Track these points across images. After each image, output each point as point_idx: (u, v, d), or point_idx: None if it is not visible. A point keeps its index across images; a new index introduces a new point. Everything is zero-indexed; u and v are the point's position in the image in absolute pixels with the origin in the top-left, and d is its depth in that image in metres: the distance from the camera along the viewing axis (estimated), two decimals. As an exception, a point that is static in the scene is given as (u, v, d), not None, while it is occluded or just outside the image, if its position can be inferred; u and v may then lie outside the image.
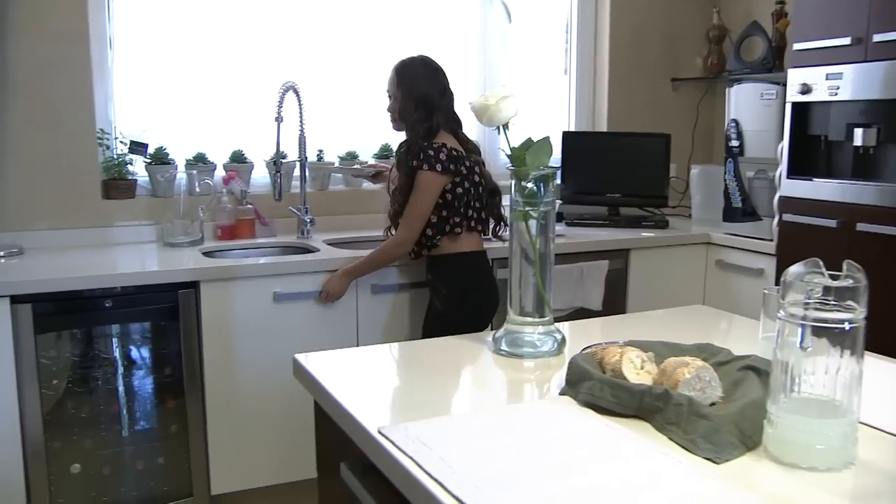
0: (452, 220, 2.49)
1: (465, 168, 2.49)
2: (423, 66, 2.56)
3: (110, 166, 2.95)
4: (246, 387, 2.55)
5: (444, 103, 2.53)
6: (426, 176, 2.43)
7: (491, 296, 2.57)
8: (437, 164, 2.43)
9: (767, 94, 3.04)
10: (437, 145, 2.45)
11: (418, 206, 2.46)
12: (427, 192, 2.45)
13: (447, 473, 0.97)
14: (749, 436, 1.06)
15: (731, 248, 3.20)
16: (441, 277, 2.55)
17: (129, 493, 2.52)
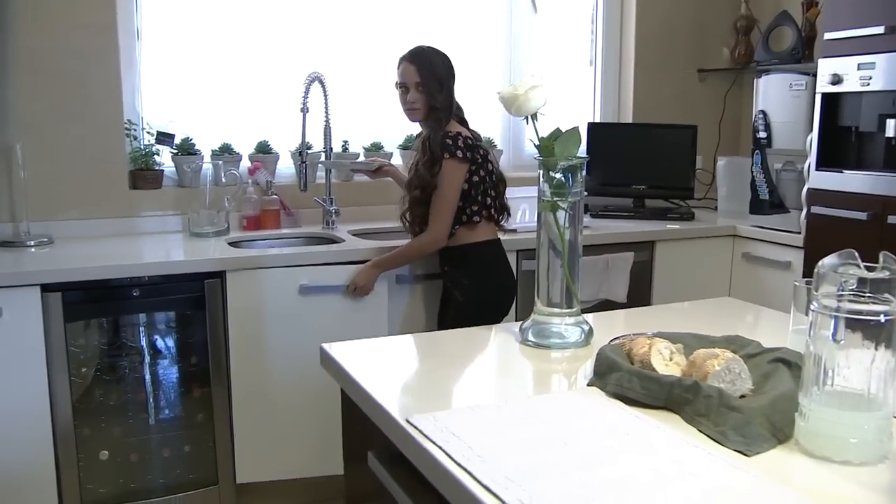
0: (470, 209, 2.49)
1: (479, 156, 2.49)
2: (436, 53, 2.55)
3: (137, 157, 2.97)
4: (272, 376, 2.56)
5: (453, 91, 2.54)
6: (449, 165, 2.43)
7: (511, 284, 2.58)
8: (457, 150, 2.43)
9: (797, 85, 3.00)
10: (452, 134, 2.45)
11: (447, 197, 2.45)
12: (453, 182, 2.44)
13: (476, 463, 0.97)
14: (780, 428, 1.05)
15: (758, 240, 3.18)
16: (461, 269, 2.53)
17: (156, 481, 2.55)
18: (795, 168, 3.05)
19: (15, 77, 2.72)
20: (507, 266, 2.61)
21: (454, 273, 2.55)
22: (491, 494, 0.90)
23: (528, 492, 0.90)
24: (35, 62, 2.73)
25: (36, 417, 2.32)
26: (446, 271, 2.58)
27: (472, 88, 3.53)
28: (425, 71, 2.50)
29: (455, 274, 2.55)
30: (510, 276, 2.61)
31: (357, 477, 1.42)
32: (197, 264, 2.50)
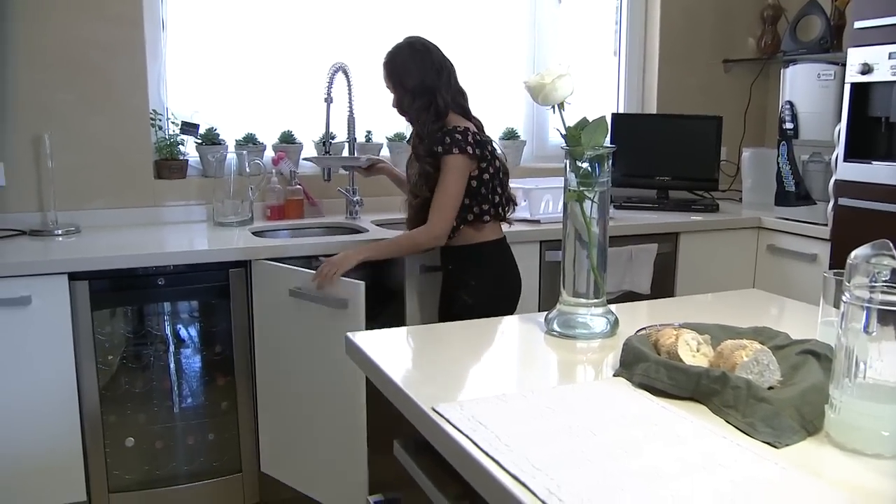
0: (480, 208, 2.38)
1: (488, 152, 2.39)
2: (411, 53, 2.41)
3: (162, 147, 3.00)
4: (296, 366, 2.57)
5: (443, 83, 2.39)
6: (457, 160, 2.31)
7: (517, 284, 2.51)
8: (467, 146, 2.31)
9: (825, 75, 2.96)
10: (461, 129, 2.33)
11: (451, 191, 2.32)
12: (458, 176, 2.32)
13: (503, 451, 0.97)
14: (810, 420, 1.04)
15: (784, 232, 3.14)
16: (468, 269, 2.44)
17: (181, 468, 2.58)
18: (823, 159, 3.01)
19: (43, 68, 2.74)
20: (513, 265, 2.52)
21: (460, 273, 2.45)
22: (519, 483, 0.90)
23: (556, 480, 0.90)
24: (63, 54, 2.76)
25: (64, 404, 2.35)
26: (451, 269, 2.48)
27: (495, 79, 3.54)
28: (394, 77, 2.42)
29: (461, 274, 2.45)
30: (517, 275, 2.52)
31: (382, 466, 1.43)
32: (222, 253, 2.52)
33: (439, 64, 2.40)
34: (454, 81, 2.44)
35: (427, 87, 2.37)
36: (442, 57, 2.43)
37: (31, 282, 2.26)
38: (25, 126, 2.74)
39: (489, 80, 3.54)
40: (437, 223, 2.34)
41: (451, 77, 2.43)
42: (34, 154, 2.76)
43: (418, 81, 2.37)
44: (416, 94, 2.38)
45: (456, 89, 2.44)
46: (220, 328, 2.57)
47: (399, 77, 2.41)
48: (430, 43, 2.45)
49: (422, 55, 2.40)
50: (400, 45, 2.44)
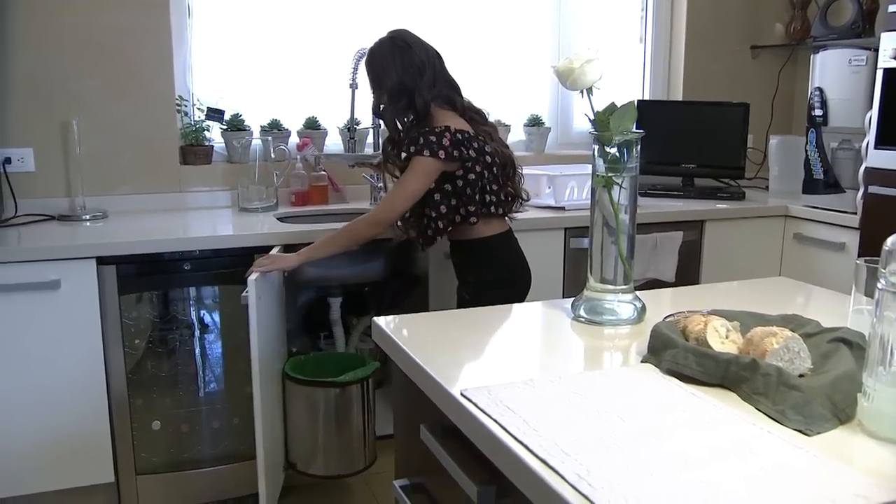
0: (466, 209, 2.26)
1: (473, 150, 2.24)
2: (391, 51, 2.29)
3: (188, 133, 3.01)
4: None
5: (424, 82, 2.26)
6: (424, 161, 2.18)
7: (522, 279, 2.38)
8: (439, 150, 2.18)
9: (856, 61, 2.92)
10: (439, 129, 2.20)
11: (406, 187, 2.22)
12: (421, 176, 2.21)
13: (532, 436, 0.97)
14: (842, 409, 1.03)
15: (811, 221, 3.11)
16: (466, 265, 2.36)
17: (205, 451, 2.60)
18: (852, 147, 2.98)
19: (71, 55, 2.77)
20: (518, 260, 2.39)
21: (460, 269, 2.39)
22: (548, 468, 0.90)
23: (585, 465, 0.90)
24: (90, 41, 2.78)
25: (92, 387, 2.39)
26: (454, 264, 2.42)
27: (520, 66, 3.53)
28: (371, 77, 2.35)
29: (461, 270, 2.39)
30: (522, 270, 2.39)
31: (408, 450, 1.43)
32: (246, 239, 2.53)
33: (421, 62, 2.28)
34: (441, 75, 2.33)
35: (406, 88, 2.27)
36: (426, 52, 2.31)
37: (60, 266, 2.29)
38: (54, 112, 2.77)
39: (514, 67, 3.52)
40: (379, 211, 2.27)
41: (435, 73, 2.31)
42: (62, 140, 2.79)
43: (396, 81, 2.27)
44: (393, 96, 2.29)
45: (444, 82, 2.33)
46: (244, 313, 2.58)
47: (378, 77, 2.32)
48: (412, 38, 2.33)
49: (402, 52, 2.28)
50: (381, 41, 2.35)
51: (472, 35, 3.40)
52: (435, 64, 2.31)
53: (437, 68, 2.32)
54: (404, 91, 2.27)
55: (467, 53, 3.39)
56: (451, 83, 2.36)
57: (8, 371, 2.30)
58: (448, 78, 2.36)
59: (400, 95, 2.28)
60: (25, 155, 2.76)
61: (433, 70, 2.30)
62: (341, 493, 2.76)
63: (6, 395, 2.31)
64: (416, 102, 2.27)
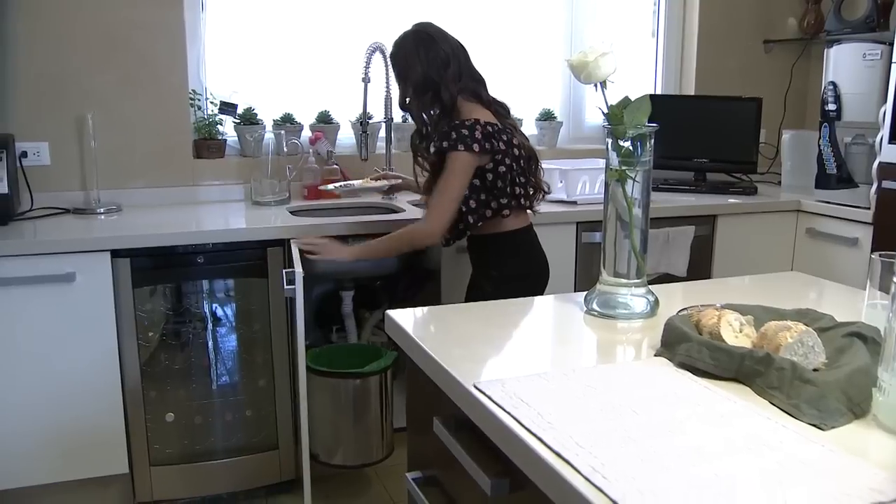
0: (498, 203, 2.26)
1: (503, 143, 2.24)
2: (415, 44, 2.29)
3: (201, 127, 3.03)
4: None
5: (449, 75, 2.26)
6: (460, 157, 2.17)
7: (543, 273, 2.40)
8: (473, 143, 2.17)
9: (871, 55, 2.90)
10: (469, 122, 2.20)
11: (450, 190, 2.20)
12: (461, 174, 2.19)
13: (546, 429, 0.98)
14: (857, 403, 1.03)
15: (824, 216, 3.10)
16: (489, 259, 2.34)
17: (218, 443, 2.62)
18: (866, 141, 2.96)
19: (86, 50, 2.78)
20: (538, 255, 2.41)
21: (481, 263, 2.37)
22: (562, 460, 0.91)
23: (600, 458, 0.90)
24: (104, 35, 2.80)
25: (107, 379, 2.41)
26: (473, 258, 2.40)
27: (532, 60, 3.52)
28: (396, 71, 2.36)
29: (482, 263, 2.37)
30: (542, 265, 2.40)
31: (420, 443, 1.44)
32: (259, 232, 2.54)
33: (446, 56, 2.27)
34: (466, 69, 2.32)
35: (432, 81, 2.26)
36: (451, 45, 2.31)
37: (75, 259, 2.31)
38: (69, 107, 2.79)
39: (526, 61, 3.52)
40: (432, 222, 2.23)
41: (460, 66, 2.30)
42: (77, 134, 2.80)
43: (421, 76, 2.27)
44: (418, 89, 2.29)
45: (469, 75, 2.32)
46: (257, 306, 2.60)
47: (403, 71, 2.32)
48: (436, 31, 2.33)
49: (426, 46, 2.28)
50: (405, 34, 2.34)
51: (484, 29, 3.40)
52: (460, 57, 2.31)
53: (461, 61, 2.31)
54: (429, 84, 2.27)
55: (480, 47, 3.36)
56: (477, 76, 2.36)
57: (24, 362, 2.32)
58: (473, 71, 2.35)
59: (425, 89, 2.28)
60: (41, 149, 2.78)
61: (458, 63, 2.29)
62: (359, 484, 2.78)
63: (22, 386, 2.33)
64: (441, 96, 2.26)
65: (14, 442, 2.35)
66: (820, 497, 0.82)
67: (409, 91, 2.31)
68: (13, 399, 2.33)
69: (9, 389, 2.32)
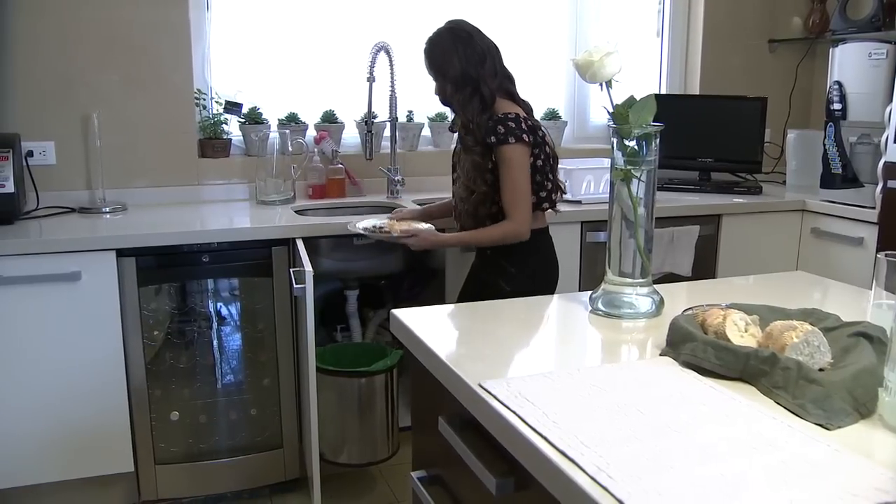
0: (537, 196, 2.29)
1: (539, 138, 2.29)
2: (452, 40, 2.31)
3: (206, 126, 3.03)
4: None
5: (487, 71, 2.29)
6: (515, 150, 2.21)
7: (555, 277, 2.42)
8: (522, 134, 2.22)
9: (876, 54, 2.90)
10: (512, 115, 2.24)
11: (520, 183, 2.23)
12: (522, 166, 2.23)
13: (552, 428, 0.98)
14: (863, 403, 1.03)
15: (829, 215, 3.09)
16: (508, 256, 2.32)
17: (223, 442, 2.62)
18: (872, 141, 2.95)
19: (91, 49, 2.79)
20: (554, 256, 2.43)
21: (500, 260, 2.34)
22: (567, 460, 0.91)
23: (605, 458, 0.90)
24: (109, 34, 2.80)
25: (112, 378, 2.41)
26: (489, 255, 2.37)
27: (536, 60, 3.52)
28: (434, 67, 2.36)
29: (501, 261, 2.34)
30: (556, 266, 2.43)
31: (425, 441, 1.44)
32: (264, 231, 2.55)
33: (482, 51, 2.30)
34: (500, 67, 2.35)
35: (470, 77, 2.29)
36: (486, 43, 2.33)
37: (80, 258, 2.32)
38: (75, 106, 2.79)
39: (531, 61, 3.51)
40: (520, 221, 2.25)
41: (496, 63, 2.33)
42: (83, 133, 2.81)
43: (460, 71, 2.29)
44: (458, 84, 2.30)
45: (503, 74, 2.36)
46: (262, 305, 2.60)
47: (440, 66, 2.34)
48: (472, 28, 2.35)
49: (464, 43, 2.30)
50: (440, 31, 2.36)
51: (489, 28, 3.38)
52: (494, 54, 2.34)
53: (496, 59, 2.34)
54: (468, 80, 2.29)
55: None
56: (509, 75, 2.39)
57: (29, 361, 2.33)
58: (505, 70, 2.38)
59: (464, 84, 2.29)
60: (47, 148, 2.79)
61: (493, 60, 2.32)
62: (364, 483, 2.78)
63: (28, 385, 2.34)
64: (482, 90, 2.28)
65: (20, 440, 2.36)
66: (825, 497, 0.82)
67: (448, 87, 2.33)
68: (19, 397, 2.34)
69: (14, 388, 2.33)
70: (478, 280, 2.41)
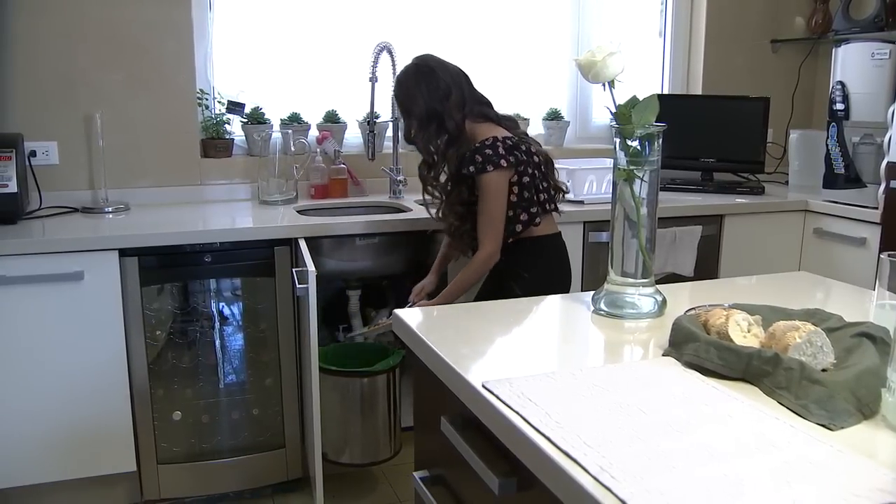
0: (529, 213, 2.31)
1: (523, 154, 2.29)
2: (416, 78, 2.33)
3: (209, 126, 3.03)
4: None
5: (452, 104, 2.30)
6: (493, 177, 2.22)
7: (568, 279, 2.46)
8: (500, 160, 2.22)
9: (879, 54, 2.89)
10: (489, 142, 2.24)
11: (494, 211, 2.25)
12: (499, 194, 2.25)
13: (554, 428, 0.98)
14: (866, 403, 1.02)
15: (832, 215, 3.09)
16: (521, 262, 2.35)
17: (225, 442, 2.63)
18: (874, 141, 2.95)
19: (94, 49, 2.79)
20: (566, 260, 2.45)
21: (513, 266, 2.35)
22: (570, 460, 0.91)
23: (608, 458, 0.90)
24: (112, 34, 2.81)
25: (115, 377, 2.41)
26: (501, 262, 2.35)
27: (539, 60, 3.52)
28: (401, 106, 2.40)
29: (514, 266, 2.35)
30: (569, 270, 2.46)
31: (427, 441, 1.44)
32: (266, 231, 2.55)
33: (446, 85, 2.31)
34: (470, 94, 2.36)
35: (435, 112, 2.30)
36: (451, 74, 2.34)
37: (83, 258, 2.32)
38: (78, 106, 2.80)
39: (533, 61, 3.52)
40: (490, 248, 2.28)
41: (463, 93, 2.33)
42: (86, 133, 2.81)
43: (425, 108, 2.30)
44: (423, 122, 2.32)
45: (473, 99, 2.36)
46: (264, 305, 2.61)
47: (406, 106, 2.36)
48: (435, 62, 2.36)
49: (427, 78, 2.31)
50: (406, 68, 2.38)
51: (491, 29, 3.40)
52: (461, 84, 2.34)
53: (464, 88, 2.35)
54: (433, 116, 2.30)
55: (487, 47, 3.40)
56: (481, 99, 2.40)
57: (32, 361, 2.33)
58: (477, 95, 2.39)
59: (429, 120, 2.31)
60: (50, 148, 2.79)
61: (460, 91, 2.33)
62: (366, 483, 2.78)
63: (30, 385, 2.34)
64: (446, 125, 2.30)
65: (23, 440, 2.36)
66: (828, 497, 0.82)
67: (414, 124, 2.35)
68: (22, 397, 2.34)
69: (17, 388, 2.33)
70: (492, 285, 2.42)
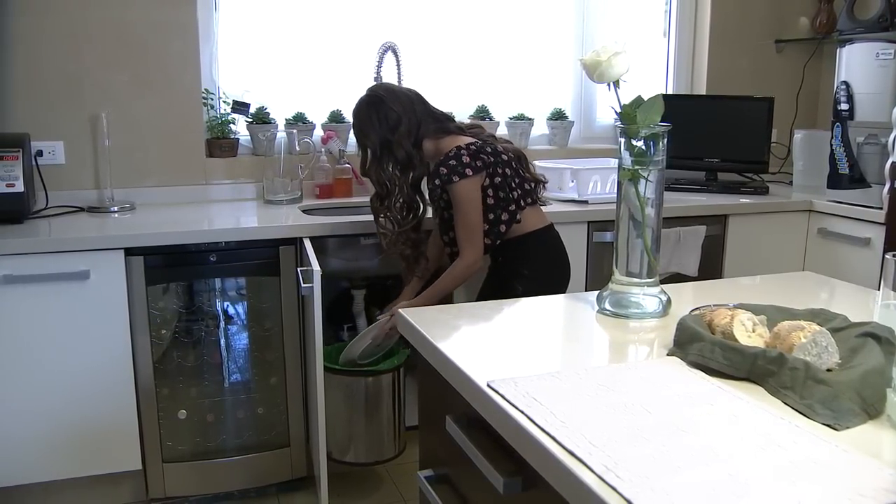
0: (508, 212, 2.33)
1: (490, 155, 2.30)
2: (367, 109, 2.36)
3: (214, 126, 3.04)
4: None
5: (401, 132, 2.32)
6: (461, 186, 2.24)
7: (567, 271, 2.47)
8: (465, 168, 2.23)
9: (884, 54, 2.89)
10: (452, 153, 2.26)
11: (469, 219, 2.28)
12: (471, 201, 2.27)
13: (559, 428, 0.98)
14: (871, 403, 1.02)
15: (836, 216, 3.09)
16: (518, 259, 2.38)
17: (230, 441, 2.63)
18: (879, 141, 2.95)
19: (100, 49, 2.80)
20: (563, 253, 2.47)
21: (511, 264, 2.39)
22: (575, 459, 0.91)
23: (613, 458, 0.90)
24: (118, 34, 2.82)
25: (120, 376, 2.42)
26: (500, 261, 2.41)
27: (543, 60, 3.52)
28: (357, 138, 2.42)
29: (512, 265, 2.39)
30: (566, 263, 2.47)
31: (432, 440, 1.45)
32: (271, 231, 2.56)
33: (396, 114, 2.32)
34: (424, 115, 2.37)
35: (386, 142, 2.33)
36: (399, 101, 2.35)
37: (89, 257, 2.33)
38: (84, 106, 2.81)
39: (537, 61, 3.52)
40: (470, 253, 2.30)
41: (415, 118, 2.34)
42: (92, 133, 2.83)
43: (377, 139, 2.34)
44: (377, 152, 2.35)
45: (430, 118, 2.37)
46: (269, 304, 2.61)
47: (361, 139, 2.40)
48: (385, 90, 2.40)
49: (376, 108, 2.34)
50: (359, 101, 2.41)
51: (495, 28, 3.41)
52: (413, 109, 2.35)
53: (417, 111, 2.36)
54: (385, 145, 2.34)
55: (491, 47, 3.40)
56: (438, 116, 2.41)
57: (38, 359, 2.34)
58: (434, 113, 2.41)
59: (382, 150, 2.34)
60: (56, 148, 2.80)
61: (412, 116, 2.34)
62: (371, 482, 2.79)
63: (36, 383, 2.35)
64: (396, 153, 2.33)
65: (28, 438, 2.37)
66: (833, 497, 0.82)
67: (369, 156, 2.38)
68: (27, 396, 2.35)
69: (23, 386, 2.34)
70: (493, 285, 2.44)
